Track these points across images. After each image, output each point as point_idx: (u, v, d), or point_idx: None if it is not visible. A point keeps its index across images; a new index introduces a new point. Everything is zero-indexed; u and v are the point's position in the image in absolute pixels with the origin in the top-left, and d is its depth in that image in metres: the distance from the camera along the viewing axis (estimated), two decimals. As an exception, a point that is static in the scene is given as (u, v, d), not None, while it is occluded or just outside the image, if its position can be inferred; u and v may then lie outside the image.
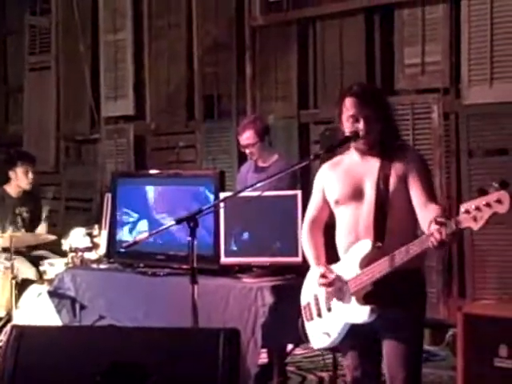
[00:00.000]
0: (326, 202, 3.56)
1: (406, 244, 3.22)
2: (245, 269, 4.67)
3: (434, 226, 3.09)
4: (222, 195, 4.51)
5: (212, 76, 7.45)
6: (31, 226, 6.51)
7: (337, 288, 3.40)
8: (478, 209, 2.98)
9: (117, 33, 8.11)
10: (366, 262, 3.30)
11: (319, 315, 3.52)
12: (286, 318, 4.38)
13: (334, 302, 3.44)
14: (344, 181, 3.45)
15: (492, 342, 4.27)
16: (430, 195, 3.35)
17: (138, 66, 8.00)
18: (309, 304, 3.58)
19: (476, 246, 5.88)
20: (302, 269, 4.45)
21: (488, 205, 2.96)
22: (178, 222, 3.55)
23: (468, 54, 5.94)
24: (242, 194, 4.14)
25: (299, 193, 4.55)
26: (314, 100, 6.89)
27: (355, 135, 3.42)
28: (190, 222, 3.50)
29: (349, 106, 3.39)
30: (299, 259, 4.42)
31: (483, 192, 2.99)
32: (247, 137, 5.37)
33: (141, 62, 7.99)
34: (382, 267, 3.25)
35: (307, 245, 3.63)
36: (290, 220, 4.48)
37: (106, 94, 8.22)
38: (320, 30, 6.79)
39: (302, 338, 3.66)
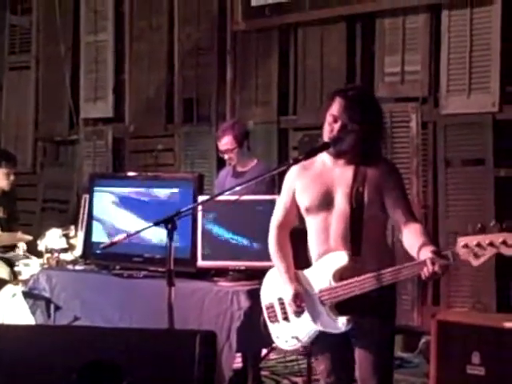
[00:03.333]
0: (295, 205, 3.49)
1: (379, 255, 3.23)
2: (221, 272, 4.67)
3: (428, 255, 3.07)
4: (201, 198, 4.51)
5: (192, 79, 7.45)
6: (8, 226, 6.46)
7: (307, 303, 3.38)
8: (479, 246, 2.97)
9: (97, 34, 8.09)
10: (341, 274, 3.27)
11: (286, 319, 3.49)
12: (260, 323, 4.39)
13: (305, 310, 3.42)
14: (314, 188, 3.39)
15: (465, 349, 4.30)
16: (410, 211, 3.33)
17: (118, 67, 7.99)
18: (272, 305, 3.55)
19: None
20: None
21: (492, 244, 2.96)
22: (156, 223, 3.55)
23: (447, 64, 6.00)
24: (220, 198, 4.15)
25: (277, 197, 4.54)
26: (294, 106, 6.92)
27: (335, 141, 3.40)
28: (168, 224, 3.50)
29: (335, 105, 3.32)
30: (276, 264, 4.43)
31: (483, 229, 2.99)
32: (226, 142, 5.37)
33: (121, 64, 7.98)
34: (367, 284, 3.21)
35: (276, 254, 3.56)
36: (268, 224, 4.46)
37: (85, 95, 8.19)
38: (301, 37, 6.82)
39: (265, 338, 3.63)
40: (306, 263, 3.48)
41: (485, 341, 4.24)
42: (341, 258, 3.28)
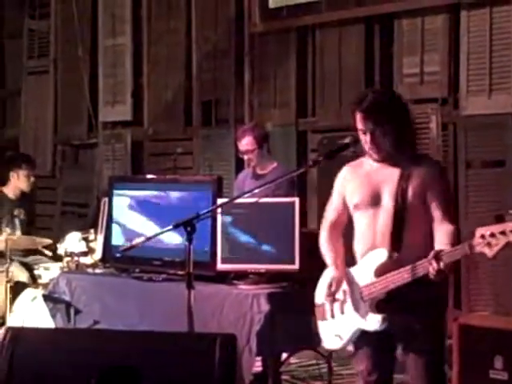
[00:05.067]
0: (345, 206, 3.55)
1: (421, 256, 3.22)
2: (241, 275, 4.66)
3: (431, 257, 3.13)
4: (220, 201, 4.49)
5: (210, 82, 7.44)
6: (27, 228, 6.50)
7: (350, 292, 3.42)
8: (492, 235, 2.99)
9: (116, 38, 8.11)
10: (381, 271, 3.31)
11: (332, 316, 3.52)
12: (281, 326, 4.37)
13: (348, 306, 3.44)
14: (363, 186, 3.45)
15: (487, 353, 4.25)
16: (446, 212, 3.34)
17: (136, 71, 8.00)
18: (323, 304, 3.57)
19: (472, 257, 5.86)
20: (299, 276, 4.47)
21: (503, 233, 2.98)
22: (176, 226, 3.54)
23: (467, 64, 5.95)
24: (240, 201, 4.13)
25: (297, 200, 4.54)
26: (313, 108, 6.89)
27: (354, 142, 3.44)
28: (188, 226, 3.49)
29: (358, 119, 3.39)
30: (296, 267, 4.41)
31: (500, 218, 3.00)
32: (246, 142, 5.37)
33: (139, 68, 7.98)
34: (396, 279, 3.26)
35: (326, 249, 3.60)
36: (288, 227, 4.47)
37: (104, 98, 8.21)
38: (319, 38, 6.80)
39: (313, 338, 3.66)
40: (351, 262, 3.52)
41: (508, 345, 4.19)
42: (381, 255, 3.34)
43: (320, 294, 3.62)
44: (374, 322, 3.34)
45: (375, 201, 3.40)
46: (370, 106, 3.38)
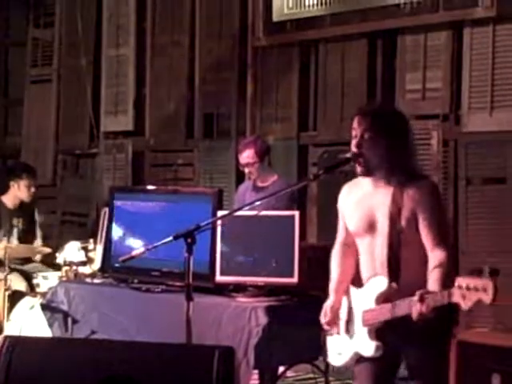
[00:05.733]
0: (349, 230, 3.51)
1: (418, 281, 3.18)
2: (240, 288, 4.65)
3: (415, 299, 3.07)
4: (220, 213, 4.50)
5: (212, 95, 7.45)
6: (26, 238, 6.49)
7: (351, 314, 3.41)
8: (468, 289, 2.94)
9: (119, 48, 8.13)
10: (381, 299, 3.28)
11: (338, 333, 3.51)
12: (279, 340, 4.36)
13: (351, 327, 3.42)
14: (358, 211, 3.38)
15: (485, 370, 4.24)
16: (437, 237, 3.24)
17: (139, 81, 8.02)
18: (334, 318, 3.53)
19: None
20: (298, 290, 4.47)
21: (476, 289, 2.92)
22: (176, 238, 3.54)
23: (469, 81, 5.97)
24: (240, 213, 4.13)
25: (297, 213, 4.54)
26: (314, 122, 6.90)
27: (355, 157, 3.41)
28: (188, 238, 3.50)
29: (354, 123, 3.35)
30: (295, 280, 4.41)
31: (479, 272, 2.97)
32: (247, 155, 5.38)
33: (142, 78, 8.01)
34: (380, 313, 3.24)
35: (332, 267, 3.56)
36: (288, 240, 4.46)
37: (106, 108, 8.23)
38: (322, 53, 6.82)
39: (311, 352, 3.69)
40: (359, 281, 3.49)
41: (506, 362, 4.17)
42: (381, 283, 3.30)
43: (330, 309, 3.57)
44: (369, 348, 3.31)
45: (370, 226, 3.33)
46: (370, 110, 3.37)
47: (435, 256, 3.23)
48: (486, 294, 2.90)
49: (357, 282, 3.48)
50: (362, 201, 3.38)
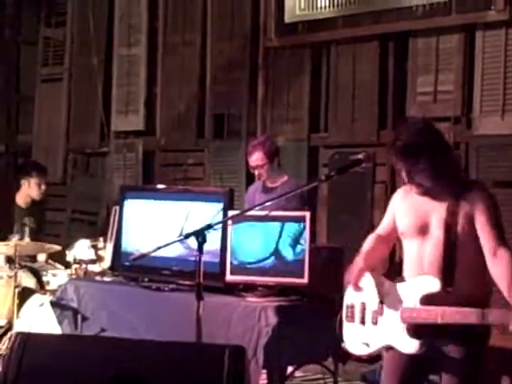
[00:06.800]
0: (395, 226, 3.53)
1: (472, 286, 3.22)
2: (249, 288, 4.65)
3: None
4: (231, 213, 4.50)
5: (223, 95, 7.46)
6: (36, 235, 6.51)
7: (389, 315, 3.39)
8: None
9: (131, 48, 8.15)
10: (430, 299, 3.27)
11: (362, 323, 3.50)
12: (288, 340, 4.36)
13: (383, 319, 3.42)
14: (411, 214, 3.42)
15: (494, 373, 4.23)
16: (499, 239, 3.28)
17: (150, 81, 8.03)
18: (353, 307, 3.55)
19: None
20: (308, 290, 4.47)
21: None
22: (186, 236, 3.56)
23: (481, 84, 5.96)
24: (251, 213, 4.13)
25: (308, 214, 4.54)
26: (325, 123, 6.90)
27: (367, 158, 3.46)
28: (198, 237, 3.50)
29: (393, 158, 3.40)
30: (305, 281, 4.41)
31: None
32: (256, 158, 5.36)
33: (153, 78, 8.02)
34: (451, 317, 3.18)
35: (366, 245, 3.59)
36: (297, 241, 4.46)
37: (117, 108, 8.24)
38: (334, 54, 6.81)
39: (337, 336, 3.62)
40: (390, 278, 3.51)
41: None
42: (433, 284, 3.28)
43: (351, 296, 3.58)
44: (410, 345, 3.30)
45: (423, 230, 3.37)
46: (403, 147, 3.35)
47: (501, 256, 3.24)
48: None
49: (388, 277, 3.49)
50: (418, 203, 3.41)
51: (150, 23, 8.05)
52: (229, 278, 4.64)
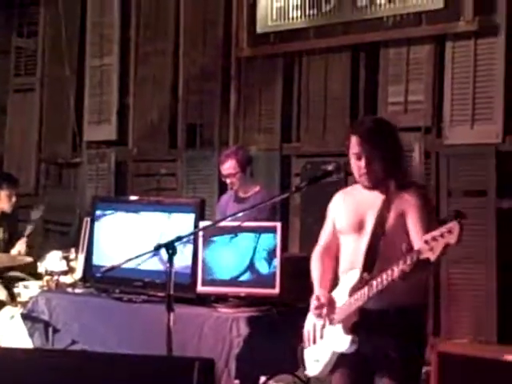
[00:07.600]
0: (336, 230, 3.61)
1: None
2: (221, 299, 4.65)
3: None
4: (202, 224, 4.50)
5: (196, 105, 7.46)
6: (7, 247, 6.46)
7: (329, 313, 3.44)
8: (434, 239, 3.04)
9: (103, 58, 8.13)
10: (353, 291, 3.34)
11: (314, 342, 3.56)
12: (260, 350, 4.36)
13: (326, 330, 3.47)
14: (349, 212, 3.51)
15: (466, 382, 4.25)
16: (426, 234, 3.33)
17: (122, 91, 8.01)
18: (308, 331, 3.60)
19: (451, 284, 5.90)
20: (279, 301, 4.48)
21: (442, 235, 3.02)
22: (157, 248, 3.55)
23: (451, 94, 6.01)
24: (222, 224, 4.13)
25: (279, 224, 4.55)
26: (297, 133, 6.92)
27: (337, 169, 3.51)
28: (169, 249, 3.51)
29: (353, 144, 3.46)
30: (276, 291, 4.42)
31: (443, 222, 3.04)
32: (228, 166, 5.38)
33: (126, 88, 8.00)
34: (365, 293, 3.29)
35: (314, 269, 3.65)
36: (268, 252, 4.47)
37: (89, 118, 8.22)
38: (306, 65, 6.84)
39: (299, 364, 3.67)
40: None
41: (486, 374, 4.19)
42: (354, 276, 3.38)
43: (308, 322, 3.62)
44: (344, 343, 3.36)
45: (359, 227, 3.46)
46: (368, 130, 3.47)
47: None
48: (451, 234, 2.99)
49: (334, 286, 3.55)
50: (357, 203, 3.51)
51: (123, 33, 8.03)
52: (200, 289, 4.64)
